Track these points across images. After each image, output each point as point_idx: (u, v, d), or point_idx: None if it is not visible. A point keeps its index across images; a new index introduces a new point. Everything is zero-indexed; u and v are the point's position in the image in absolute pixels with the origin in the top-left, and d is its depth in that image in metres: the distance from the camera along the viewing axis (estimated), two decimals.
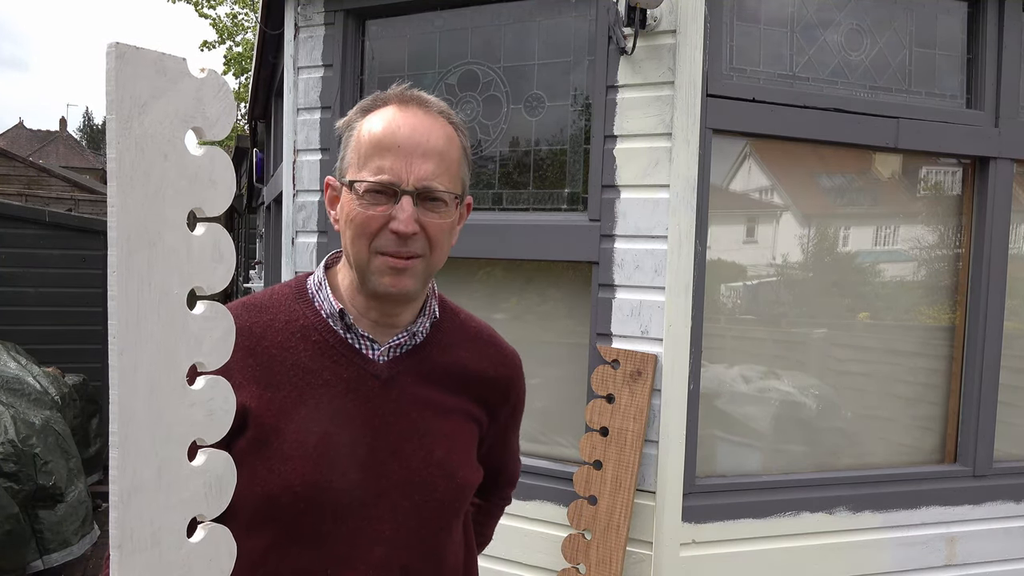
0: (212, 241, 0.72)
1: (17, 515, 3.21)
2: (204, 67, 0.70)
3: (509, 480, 1.36)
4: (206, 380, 0.74)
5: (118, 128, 0.63)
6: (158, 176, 0.66)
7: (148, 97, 0.65)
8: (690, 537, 2.33)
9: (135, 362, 0.67)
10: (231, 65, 14.16)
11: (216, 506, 0.76)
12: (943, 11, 2.59)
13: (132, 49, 0.63)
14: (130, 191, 0.65)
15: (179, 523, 0.72)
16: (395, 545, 0.99)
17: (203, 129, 0.70)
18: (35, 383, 3.96)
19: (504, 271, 2.69)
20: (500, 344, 1.17)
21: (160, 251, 0.67)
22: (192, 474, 0.73)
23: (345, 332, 1.02)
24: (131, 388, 0.66)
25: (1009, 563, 2.69)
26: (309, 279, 1.07)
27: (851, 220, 2.67)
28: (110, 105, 0.62)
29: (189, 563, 0.73)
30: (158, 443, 0.69)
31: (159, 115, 0.66)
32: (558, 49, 2.50)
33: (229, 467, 0.77)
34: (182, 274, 0.70)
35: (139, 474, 0.68)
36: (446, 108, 1.03)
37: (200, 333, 0.72)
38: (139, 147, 0.64)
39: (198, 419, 0.73)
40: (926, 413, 2.73)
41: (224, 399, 0.75)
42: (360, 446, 0.98)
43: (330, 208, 1.05)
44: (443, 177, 0.97)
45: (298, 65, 2.82)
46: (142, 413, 0.67)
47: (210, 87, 0.69)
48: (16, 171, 17.86)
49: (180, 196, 0.68)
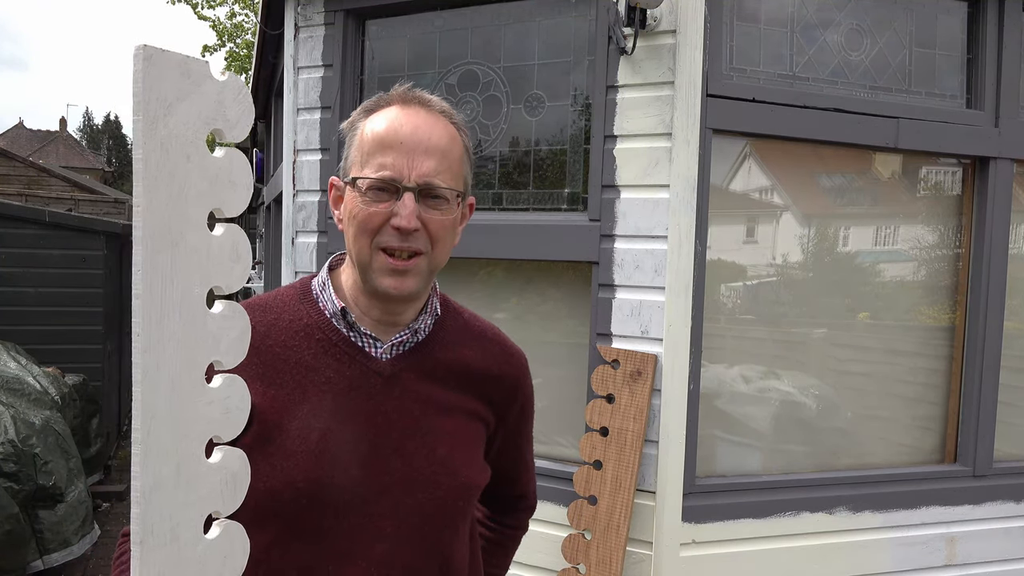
0: (231, 241, 0.73)
1: (17, 515, 3.20)
2: (225, 70, 0.71)
3: (522, 497, 1.32)
4: (223, 378, 0.75)
5: (145, 129, 0.64)
6: (181, 177, 0.68)
7: (173, 99, 0.66)
8: (690, 537, 2.33)
9: (158, 360, 0.68)
10: (231, 65, 14.17)
11: (231, 503, 0.77)
12: (943, 11, 2.59)
13: (159, 51, 0.64)
14: (155, 191, 0.66)
15: (196, 519, 0.73)
16: (397, 542, 0.99)
17: (223, 131, 0.72)
18: (35, 383, 3.96)
19: (504, 271, 2.69)
20: (505, 342, 1.17)
21: (183, 251, 0.69)
22: (209, 471, 0.74)
23: (348, 330, 1.02)
24: (153, 385, 0.68)
25: (1009, 563, 2.69)
26: (314, 280, 1.08)
27: (851, 220, 2.67)
28: (137, 106, 0.63)
29: (205, 559, 0.74)
30: (178, 440, 0.70)
31: (183, 117, 0.67)
32: (558, 49, 2.50)
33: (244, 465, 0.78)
34: (202, 273, 0.71)
35: (160, 471, 0.69)
36: (448, 108, 1.03)
37: (218, 332, 0.74)
38: (164, 148, 0.66)
39: (215, 417, 0.74)
40: (926, 413, 2.73)
41: (240, 397, 0.77)
42: (362, 443, 0.99)
43: (334, 208, 1.06)
44: (445, 174, 0.98)
45: (298, 65, 2.82)
46: (163, 410, 0.69)
47: (231, 90, 0.71)
48: (16, 171, 17.86)
49: (202, 197, 0.70)
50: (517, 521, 1.34)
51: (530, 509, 1.35)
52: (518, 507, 1.33)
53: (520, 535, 1.35)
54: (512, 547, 1.35)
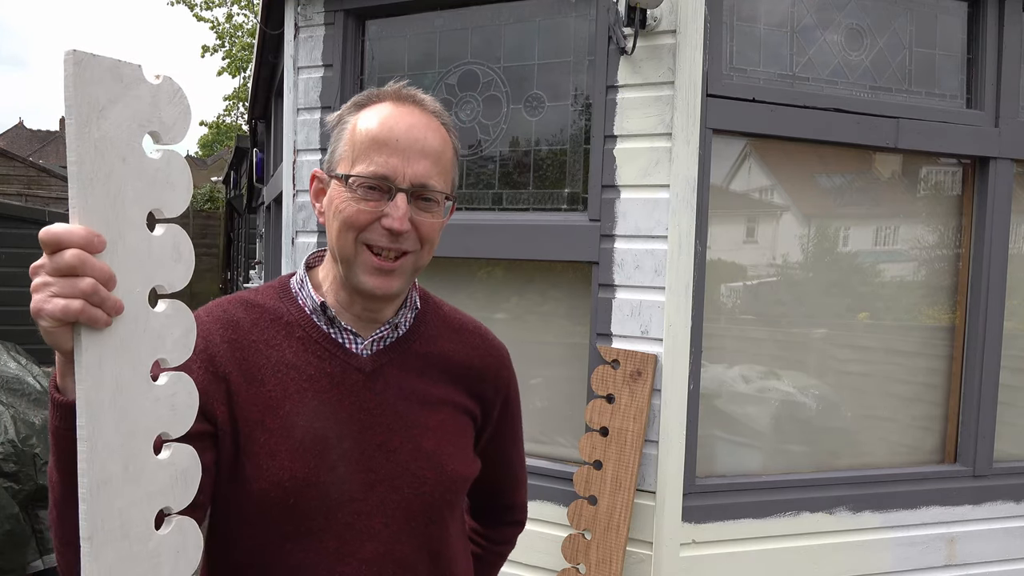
0: (172, 241, 0.74)
1: (17, 515, 3.20)
2: (159, 73, 0.71)
3: (511, 509, 1.30)
4: (169, 376, 0.76)
5: (77, 132, 0.65)
6: (118, 178, 0.68)
7: (106, 102, 0.66)
8: (690, 537, 2.33)
9: (100, 358, 0.69)
10: (230, 65, 14.17)
11: (183, 498, 0.77)
12: (943, 11, 2.59)
13: (89, 56, 0.65)
14: (90, 192, 0.66)
15: (147, 515, 0.73)
16: (387, 539, 0.99)
17: (160, 133, 0.72)
18: (35, 383, 3.96)
19: (504, 271, 2.69)
20: (487, 335, 1.16)
21: (121, 250, 0.69)
22: (158, 467, 0.75)
23: (328, 327, 1.02)
24: (97, 383, 0.68)
25: (1009, 563, 2.69)
26: (292, 278, 1.08)
27: (851, 220, 2.66)
28: (68, 110, 0.64)
29: (158, 554, 0.75)
30: (124, 437, 0.71)
31: (117, 120, 0.67)
32: (558, 49, 2.50)
33: (194, 461, 0.79)
34: (143, 273, 0.72)
35: (107, 467, 0.69)
36: (440, 108, 1.03)
37: (162, 330, 0.74)
38: (98, 150, 0.66)
39: (162, 414, 0.75)
40: (926, 413, 2.73)
41: (188, 394, 0.77)
42: (346, 440, 0.98)
43: (315, 201, 1.06)
44: (437, 177, 0.98)
45: (298, 65, 2.82)
46: (108, 408, 0.69)
47: (165, 93, 0.71)
48: (16, 171, 17.86)
49: (140, 198, 0.70)
50: (504, 537, 1.31)
51: (518, 525, 1.32)
52: (505, 520, 1.31)
53: (507, 552, 1.32)
54: (497, 564, 1.32)
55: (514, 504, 1.30)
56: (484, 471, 1.15)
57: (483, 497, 1.26)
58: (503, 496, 1.28)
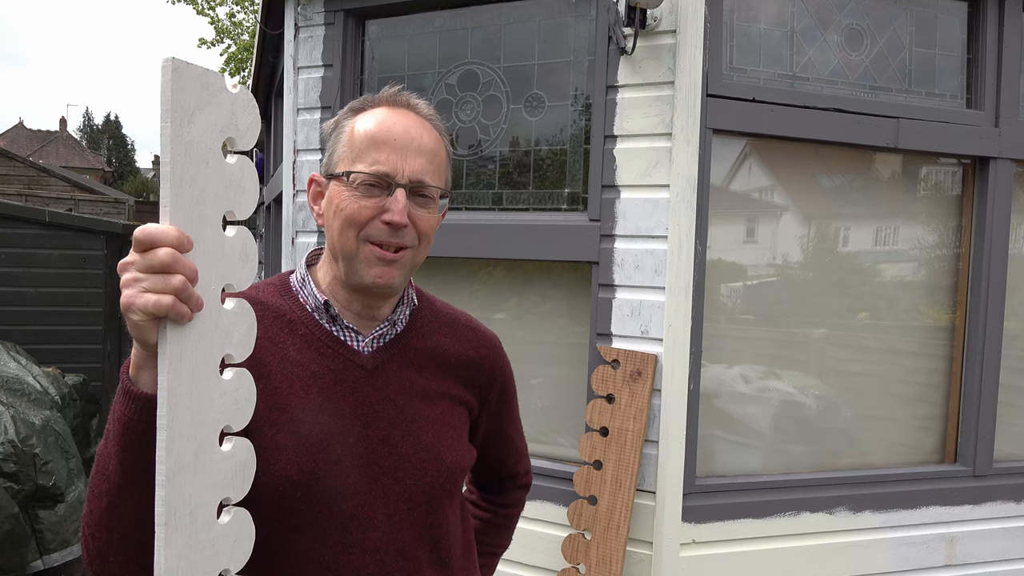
0: (241, 242, 0.79)
1: (17, 515, 3.20)
2: (236, 83, 0.76)
3: (513, 477, 1.37)
4: (234, 371, 0.80)
5: (172, 134, 0.69)
6: (201, 180, 0.73)
7: (195, 108, 0.71)
8: (690, 537, 2.33)
9: (181, 351, 0.73)
10: (229, 65, 14.17)
11: (240, 490, 0.81)
12: (943, 11, 2.60)
13: (184, 64, 0.69)
14: (180, 193, 0.71)
15: (211, 504, 0.77)
16: (389, 529, 1.02)
17: (235, 139, 0.76)
18: (35, 383, 3.96)
19: (504, 271, 2.69)
20: (478, 327, 1.22)
21: (202, 249, 0.74)
22: (222, 459, 0.78)
23: (330, 325, 1.05)
24: (177, 375, 0.72)
25: (1009, 563, 2.69)
26: (292, 276, 1.11)
27: (851, 220, 2.66)
28: (164, 114, 0.68)
29: (218, 543, 0.78)
30: (197, 427, 0.75)
31: (203, 125, 0.72)
32: (558, 49, 2.50)
33: (251, 455, 0.83)
34: (217, 272, 0.76)
35: (182, 455, 0.73)
36: (433, 113, 1.08)
37: (230, 327, 0.79)
38: (187, 153, 0.70)
39: (228, 407, 0.79)
40: (926, 413, 2.73)
41: (248, 390, 0.81)
42: (350, 435, 1.01)
43: (312, 204, 1.09)
44: (433, 174, 1.03)
45: (298, 65, 2.82)
46: (185, 399, 0.73)
47: (242, 101, 0.77)
48: (16, 171, 17.87)
49: (218, 199, 0.75)
50: (511, 500, 1.39)
51: (523, 488, 1.40)
52: (508, 487, 1.38)
53: (516, 513, 1.40)
54: (509, 526, 1.40)
55: (517, 473, 1.38)
56: (487, 451, 1.23)
57: (488, 473, 1.34)
58: (506, 468, 1.35)
